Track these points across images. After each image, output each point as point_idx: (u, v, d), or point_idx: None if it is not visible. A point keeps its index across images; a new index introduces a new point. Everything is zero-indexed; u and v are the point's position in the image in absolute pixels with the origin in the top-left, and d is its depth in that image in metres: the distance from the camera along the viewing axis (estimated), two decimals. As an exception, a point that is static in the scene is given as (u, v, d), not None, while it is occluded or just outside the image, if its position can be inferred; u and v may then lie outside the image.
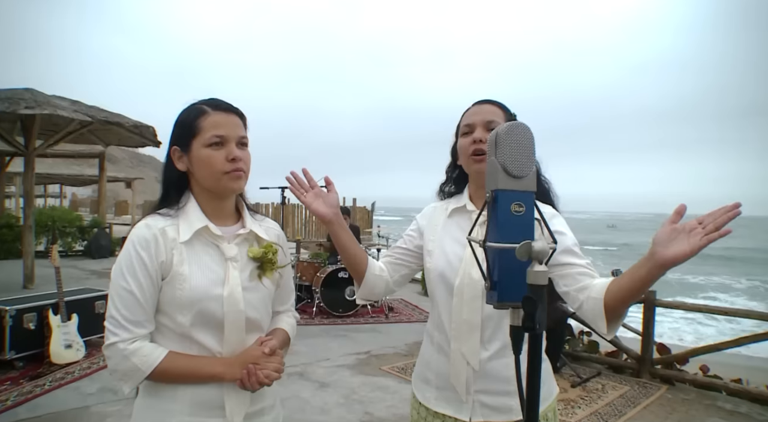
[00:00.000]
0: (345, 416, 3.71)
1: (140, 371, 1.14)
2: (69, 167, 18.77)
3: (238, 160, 1.22)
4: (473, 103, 1.49)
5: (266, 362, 1.22)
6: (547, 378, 1.42)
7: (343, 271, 6.92)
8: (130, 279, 1.16)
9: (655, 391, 4.17)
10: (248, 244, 1.31)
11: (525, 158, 0.75)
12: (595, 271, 1.32)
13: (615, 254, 33.68)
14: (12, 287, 7.57)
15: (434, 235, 1.49)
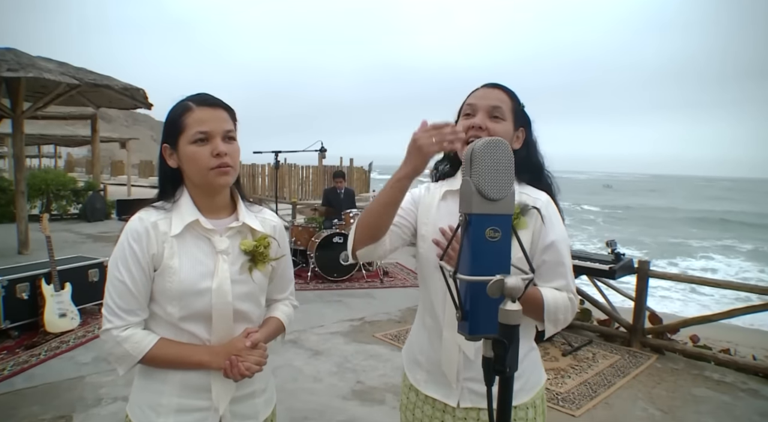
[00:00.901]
0: (337, 384, 3.75)
1: (131, 356, 1.22)
2: (62, 127, 18.48)
3: (223, 155, 1.23)
4: (482, 85, 1.41)
5: (248, 354, 1.26)
6: (535, 366, 1.42)
7: (338, 236, 6.91)
8: (123, 270, 1.22)
9: (645, 361, 4.22)
10: (242, 236, 1.33)
11: (502, 179, 0.68)
12: (567, 277, 1.32)
13: (620, 218, 33.49)
14: (7, 253, 7.57)
15: (427, 218, 1.42)
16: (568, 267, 1.33)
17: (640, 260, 4.49)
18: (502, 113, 1.34)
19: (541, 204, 1.33)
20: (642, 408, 3.41)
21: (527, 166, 1.40)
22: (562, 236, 1.33)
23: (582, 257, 4.49)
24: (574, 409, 3.37)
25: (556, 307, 1.29)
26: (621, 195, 56.93)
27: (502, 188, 0.68)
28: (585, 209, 36.71)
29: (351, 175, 21.26)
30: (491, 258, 0.67)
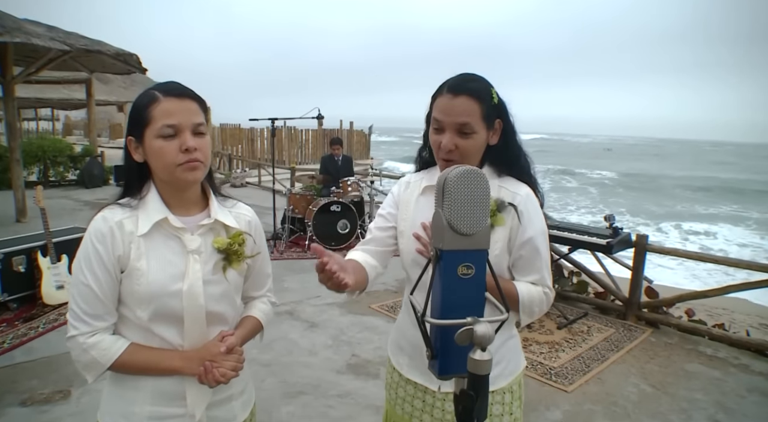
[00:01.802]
0: (332, 358, 3.79)
1: (99, 363, 1.16)
2: (58, 91, 18.22)
3: (192, 150, 1.15)
4: (447, 88, 1.29)
5: (224, 360, 1.21)
6: (514, 352, 1.44)
7: (335, 204, 6.88)
8: (87, 273, 1.15)
9: (640, 335, 4.24)
10: (214, 234, 1.26)
11: (477, 212, 0.63)
12: (543, 271, 1.34)
13: (623, 184, 33.02)
14: (5, 222, 7.56)
15: (406, 214, 1.44)
16: (544, 262, 1.35)
17: (638, 234, 4.45)
18: (471, 128, 1.27)
19: (520, 199, 1.32)
20: (634, 384, 3.44)
21: (505, 156, 1.37)
22: (540, 230, 1.34)
23: (579, 231, 4.46)
24: (566, 384, 3.40)
25: (531, 301, 1.32)
26: (623, 160, 56.28)
27: (477, 221, 0.63)
28: (586, 177, 36.26)
29: (351, 139, 21.07)
30: (463, 297, 0.63)
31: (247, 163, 16.24)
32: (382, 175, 9.29)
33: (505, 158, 1.37)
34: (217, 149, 17.94)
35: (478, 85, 1.29)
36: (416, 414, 1.44)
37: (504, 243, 1.31)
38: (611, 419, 3.03)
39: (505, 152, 1.37)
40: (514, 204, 1.30)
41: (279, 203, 7.58)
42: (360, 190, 7.36)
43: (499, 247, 1.30)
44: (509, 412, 1.40)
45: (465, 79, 1.30)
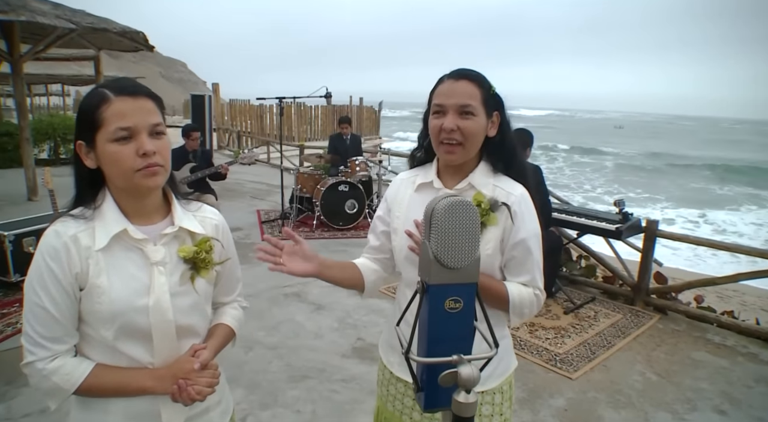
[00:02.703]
0: (337, 341, 3.81)
1: (63, 389, 1.08)
2: (68, 67, 18.17)
3: (150, 154, 1.06)
4: (447, 76, 1.33)
5: (198, 377, 1.14)
6: (506, 353, 1.45)
7: (343, 184, 6.86)
8: (41, 294, 1.05)
9: (647, 321, 4.21)
10: (179, 242, 1.17)
11: (466, 245, 0.60)
12: (534, 273, 1.34)
13: (634, 166, 32.31)
14: (17, 199, 7.63)
15: (400, 211, 1.44)
16: (536, 263, 1.34)
17: (648, 219, 4.39)
18: (473, 109, 1.29)
19: (515, 199, 1.31)
20: (639, 372, 3.43)
21: (502, 152, 1.38)
22: (533, 231, 1.33)
23: (589, 216, 4.40)
24: (571, 371, 3.40)
25: (521, 302, 1.32)
26: (631, 137, 55.08)
27: (466, 255, 0.60)
28: (593, 156, 35.54)
29: (360, 115, 20.89)
30: (450, 332, 0.60)
31: (256, 140, 16.20)
32: (390, 153, 9.22)
33: (501, 154, 1.38)
34: (227, 125, 17.89)
35: (478, 74, 1.33)
36: (406, 412, 1.47)
37: (496, 243, 1.31)
38: (615, 407, 3.03)
39: (502, 147, 1.37)
40: (508, 204, 1.30)
41: (287, 181, 7.56)
42: (368, 169, 7.32)
43: (491, 247, 1.30)
44: (499, 412, 1.40)
45: (465, 69, 1.34)
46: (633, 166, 31.18)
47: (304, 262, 1.31)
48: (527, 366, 3.46)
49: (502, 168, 1.37)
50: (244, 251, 5.90)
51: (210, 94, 14.04)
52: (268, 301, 4.53)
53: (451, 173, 1.39)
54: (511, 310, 1.32)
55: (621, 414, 2.97)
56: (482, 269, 1.29)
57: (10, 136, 10.21)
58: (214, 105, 15.09)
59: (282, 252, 1.29)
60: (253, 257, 5.72)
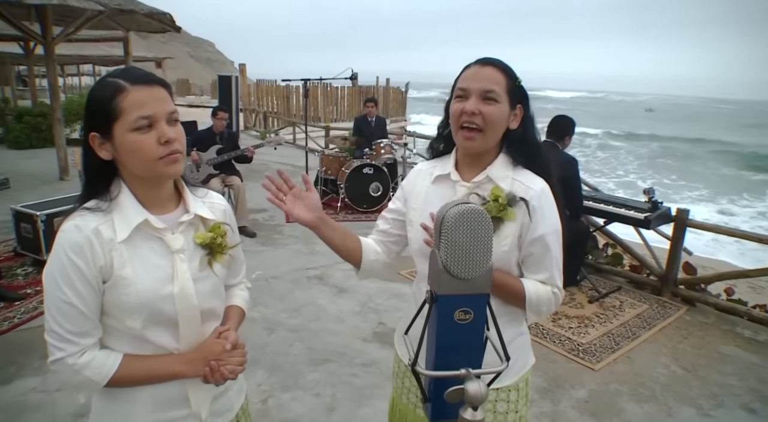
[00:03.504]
0: (359, 325, 3.83)
1: (95, 383, 1.09)
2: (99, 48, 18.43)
3: (172, 141, 1.07)
4: (473, 62, 1.31)
5: (229, 356, 1.18)
6: (523, 350, 1.42)
7: (368, 166, 6.84)
8: (67, 290, 1.05)
9: (674, 312, 4.12)
10: (194, 229, 1.19)
11: (477, 256, 0.58)
12: (552, 270, 1.31)
13: (668, 153, 31.04)
14: (49, 179, 7.84)
15: (416, 203, 1.42)
16: (555, 260, 1.31)
17: (678, 209, 4.26)
18: (496, 96, 1.26)
19: (534, 194, 1.27)
20: (664, 365, 3.36)
21: (524, 146, 1.34)
22: (553, 227, 1.29)
23: (617, 204, 4.29)
24: (594, 362, 3.35)
25: (539, 300, 1.29)
26: (663, 121, 53.03)
27: (477, 265, 0.58)
28: (624, 141, 34.43)
29: (387, 96, 20.74)
30: (459, 344, 0.58)
31: (282, 120, 16.25)
32: (416, 136, 9.14)
33: (523, 149, 1.34)
34: (253, 105, 17.98)
35: (505, 63, 1.31)
36: (420, 405, 1.46)
37: (514, 239, 1.28)
38: (637, 401, 2.98)
39: (524, 141, 1.34)
40: (526, 199, 1.26)
41: (312, 163, 7.57)
42: (393, 152, 7.28)
43: (509, 243, 1.28)
44: (514, 410, 1.38)
45: (492, 57, 1.32)
46: (667, 151, 30.17)
47: (307, 210, 1.32)
48: (549, 355, 3.43)
49: (523, 162, 1.34)
50: (268, 233, 5.97)
51: (237, 75, 14.09)
52: (291, 283, 4.58)
53: (469, 164, 1.36)
54: (528, 308, 1.30)
55: (643, 408, 2.92)
56: (498, 265, 1.26)
57: (44, 116, 10.45)
58: (240, 86, 15.15)
59: (289, 191, 1.32)
60: (278, 239, 5.79)
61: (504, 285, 1.27)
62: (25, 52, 11.92)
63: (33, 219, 4.44)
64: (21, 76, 24.00)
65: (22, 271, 4.53)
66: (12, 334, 3.52)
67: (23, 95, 17.53)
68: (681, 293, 4.31)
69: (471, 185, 1.33)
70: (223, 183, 5.80)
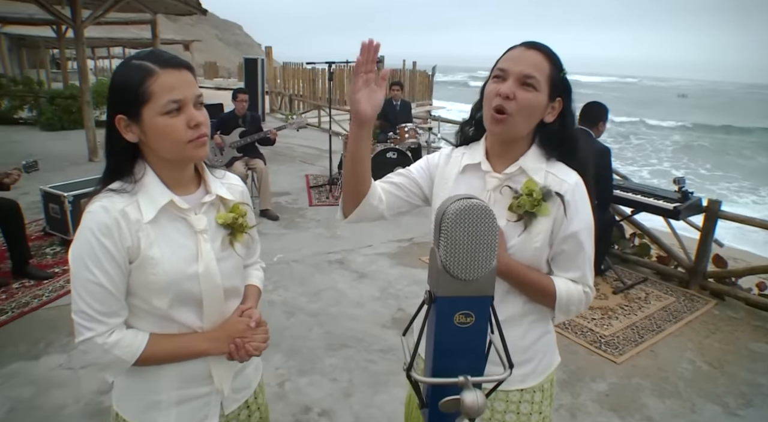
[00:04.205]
0: (378, 311, 3.83)
1: (124, 361, 1.11)
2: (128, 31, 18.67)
3: (200, 125, 1.10)
4: (519, 44, 1.24)
5: (253, 334, 1.22)
6: (548, 349, 1.37)
7: (392, 151, 6.77)
8: (96, 271, 1.06)
9: (702, 306, 3.99)
10: (215, 210, 1.22)
11: (479, 256, 0.54)
12: (585, 269, 1.26)
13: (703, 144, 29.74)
14: (78, 160, 8.00)
15: (443, 192, 1.34)
16: (587, 259, 1.25)
17: (710, 199, 4.11)
18: (536, 82, 1.18)
19: (568, 188, 1.21)
20: (689, 360, 3.27)
21: (559, 141, 1.26)
22: (586, 224, 1.23)
23: (645, 193, 4.16)
24: (616, 355, 3.28)
25: (569, 300, 1.24)
26: (697, 108, 50.76)
27: (479, 266, 0.54)
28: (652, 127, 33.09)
29: (413, 80, 20.50)
30: (458, 350, 0.54)
31: (307, 104, 16.25)
32: (441, 120, 9.03)
33: (559, 144, 1.26)
34: (279, 88, 18.00)
35: (552, 50, 1.23)
36: None
37: (546, 235, 1.22)
38: (659, 396, 2.91)
39: (559, 138, 1.26)
40: (561, 193, 1.20)
41: (336, 146, 7.56)
42: (417, 137, 7.19)
43: (541, 240, 1.22)
44: (538, 411, 1.33)
45: (540, 42, 1.23)
46: (697, 139, 29.11)
47: (368, 102, 1.17)
48: (570, 346, 3.37)
49: (558, 155, 1.26)
50: (291, 216, 6.00)
51: (263, 58, 14.12)
52: (311, 267, 4.59)
53: (500, 154, 1.28)
54: (557, 308, 1.24)
55: (666, 404, 2.85)
56: (529, 262, 1.22)
57: (74, 98, 10.64)
58: (267, 68, 15.18)
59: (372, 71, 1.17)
60: (300, 223, 5.81)
61: (534, 283, 1.22)
62: (57, 36, 12.14)
63: (61, 200, 4.54)
64: (55, 60, 24.51)
65: (50, 250, 4.65)
66: (41, 312, 3.62)
67: (57, 78, 17.90)
68: (710, 286, 4.18)
69: (502, 176, 1.26)
70: (247, 166, 5.83)
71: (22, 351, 3.14)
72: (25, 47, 20.09)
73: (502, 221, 1.23)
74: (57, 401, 2.71)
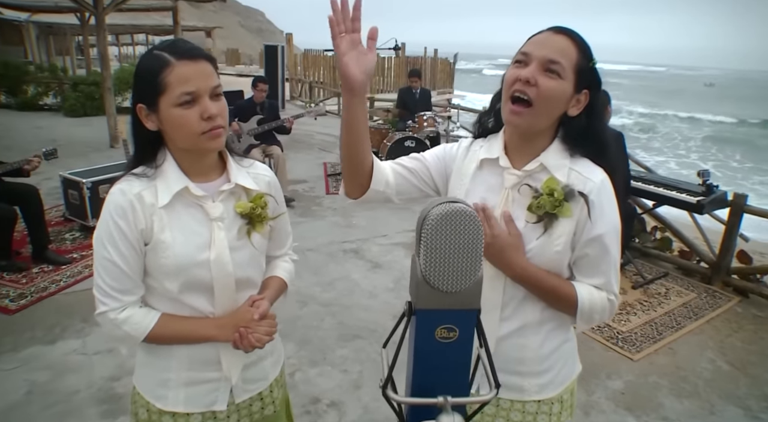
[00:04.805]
0: (391, 302, 3.80)
1: (133, 337, 1.16)
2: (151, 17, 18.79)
3: (214, 117, 1.10)
4: (547, 28, 1.13)
5: (257, 325, 1.21)
6: (569, 358, 1.28)
7: (410, 139, 6.72)
8: (111, 249, 1.12)
9: (725, 303, 3.87)
10: (235, 198, 1.22)
11: (462, 265, 0.49)
12: (610, 275, 1.16)
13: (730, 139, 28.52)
14: (100, 147, 8.10)
15: (459, 188, 1.25)
16: (613, 264, 1.15)
17: (735, 193, 3.96)
18: (561, 69, 1.07)
19: (593, 187, 1.11)
20: (709, 359, 3.17)
21: (584, 138, 1.15)
22: (612, 226, 1.13)
23: (668, 186, 4.03)
24: (633, 352, 3.20)
25: (592, 308, 1.15)
26: (725, 99, 48.76)
27: (463, 277, 0.49)
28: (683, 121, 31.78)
29: (435, 67, 20.28)
30: (440, 367, 0.50)
31: (328, 91, 16.20)
32: (460, 108, 8.92)
33: (582, 140, 1.16)
34: (300, 75, 17.98)
35: (581, 37, 1.12)
36: None
37: (568, 238, 1.13)
38: (677, 396, 2.83)
39: (585, 135, 1.15)
40: (585, 193, 1.10)
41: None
42: (436, 125, 7.12)
43: (562, 242, 1.12)
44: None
45: (570, 28, 1.13)
46: (730, 130, 28.14)
47: (358, 66, 1.05)
48: (586, 342, 3.30)
49: (583, 153, 1.16)
50: (307, 204, 5.99)
51: (283, 45, 14.08)
52: (326, 256, 4.58)
53: (519, 149, 1.18)
54: (579, 316, 1.16)
55: (683, 404, 2.77)
56: (549, 267, 1.14)
57: (97, 85, 10.75)
58: (287, 55, 15.15)
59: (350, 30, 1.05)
60: (316, 211, 5.80)
61: (554, 290, 1.14)
62: (80, 23, 12.27)
63: (79, 186, 4.59)
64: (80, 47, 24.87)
65: (69, 236, 4.72)
66: (58, 297, 3.68)
67: (82, 64, 18.17)
68: (733, 282, 4.04)
69: (522, 173, 1.16)
70: (264, 153, 5.83)
71: (39, 336, 3.19)
72: (52, 35, 20.44)
73: (521, 222, 1.15)
74: (71, 386, 2.74)
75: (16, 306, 3.49)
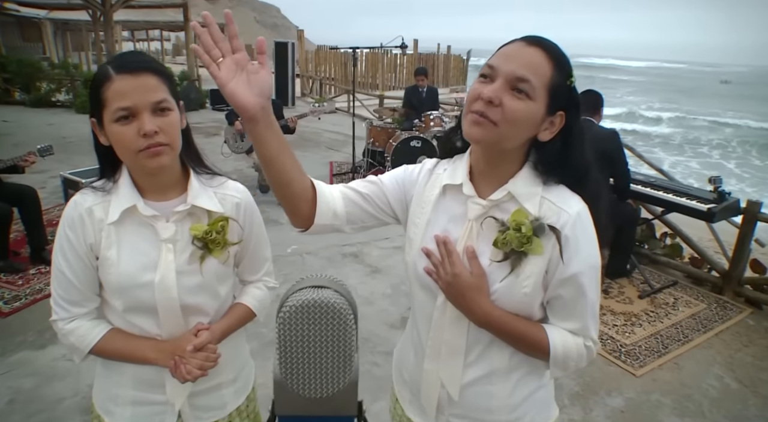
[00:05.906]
0: (388, 309, 3.71)
1: (78, 349, 1.16)
2: (165, 14, 18.85)
3: (151, 135, 1.02)
4: (519, 38, 0.99)
5: (191, 357, 1.14)
6: (543, 406, 1.18)
7: (416, 139, 6.62)
8: (61, 260, 1.11)
9: (735, 315, 3.70)
10: (194, 220, 1.16)
11: (328, 367, 0.40)
12: (586, 318, 1.04)
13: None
14: (107, 144, 8.11)
15: (419, 217, 1.12)
16: (590, 306, 1.03)
17: (749, 200, 3.79)
18: (530, 88, 0.93)
19: (568, 219, 0.98)
20: (716, 376, 3.02)
21: (559, 164, 1.02)
22: (589, 264, 1.01)
23: (678, 192, 3.87)
24: (636, 367, 3.07)
25: (566, 355, 1.04)
26: (742, 97, 47.16)
27: (330, 380, 0.40)
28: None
29: (447, 64, 20.15)
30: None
31: (338, 88, 16.12)
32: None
33: (557, 168, 1.02)
34: (310, 73, 17.94)
35: (559, 50, 0.98)
36: None
37: (538, 279, 1.01)
38: (680, 415, 2.69)
39: (561, 160, 1.02)
40: (557, 228, 0.98)
41: (361, 132, 7.43)
42: (443, 125, 6.99)
43: (531, 283, 1.00)
44: None
45: (545, 38, 0.98)
46: (752, 131, 27.30)
47: (249, 89, 0.90)
48: (586, 355, 3.17)
49: (558, 181, 1.03)
50: (308, 206, 5.92)
51: (294, 42, 14.01)
52: (325, 260, 4.50)
53: (485, 173, 1.05)
54: (553, 363, 1.05)
55: (686, 425, 2.64)
56: (517, 310, 1.02)
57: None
58: (297, 52, 15.09)
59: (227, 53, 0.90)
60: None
61: (522, 336, 1.03)
62: (92, 19, 12.32)
63: (79, 186, 4.56)
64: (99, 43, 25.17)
65: (69, 237, 4.70)
66: (51, 300, 3.65)
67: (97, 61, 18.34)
68: (745, 293, 3.87)
69: (488, 203, 1.03)
70: (266, 154, 5.76)
71: (29, 340, 3.16)
72: (68, 31, 20.70)
73: (485, 260, 1.02)
74: (56, 393, 2.70)
75: (9, 309, 3.47)
